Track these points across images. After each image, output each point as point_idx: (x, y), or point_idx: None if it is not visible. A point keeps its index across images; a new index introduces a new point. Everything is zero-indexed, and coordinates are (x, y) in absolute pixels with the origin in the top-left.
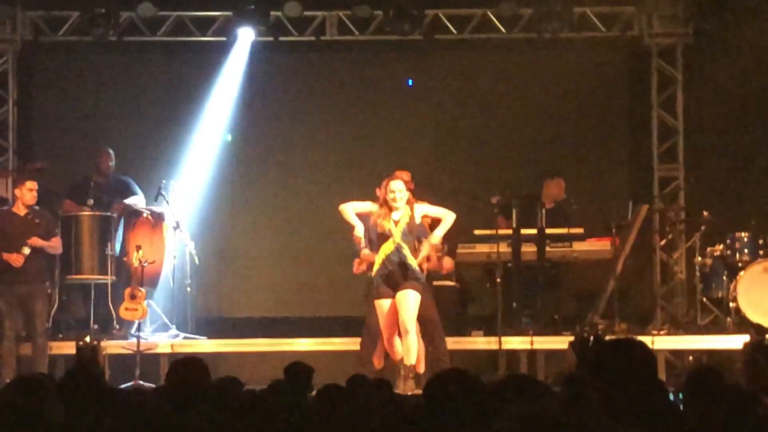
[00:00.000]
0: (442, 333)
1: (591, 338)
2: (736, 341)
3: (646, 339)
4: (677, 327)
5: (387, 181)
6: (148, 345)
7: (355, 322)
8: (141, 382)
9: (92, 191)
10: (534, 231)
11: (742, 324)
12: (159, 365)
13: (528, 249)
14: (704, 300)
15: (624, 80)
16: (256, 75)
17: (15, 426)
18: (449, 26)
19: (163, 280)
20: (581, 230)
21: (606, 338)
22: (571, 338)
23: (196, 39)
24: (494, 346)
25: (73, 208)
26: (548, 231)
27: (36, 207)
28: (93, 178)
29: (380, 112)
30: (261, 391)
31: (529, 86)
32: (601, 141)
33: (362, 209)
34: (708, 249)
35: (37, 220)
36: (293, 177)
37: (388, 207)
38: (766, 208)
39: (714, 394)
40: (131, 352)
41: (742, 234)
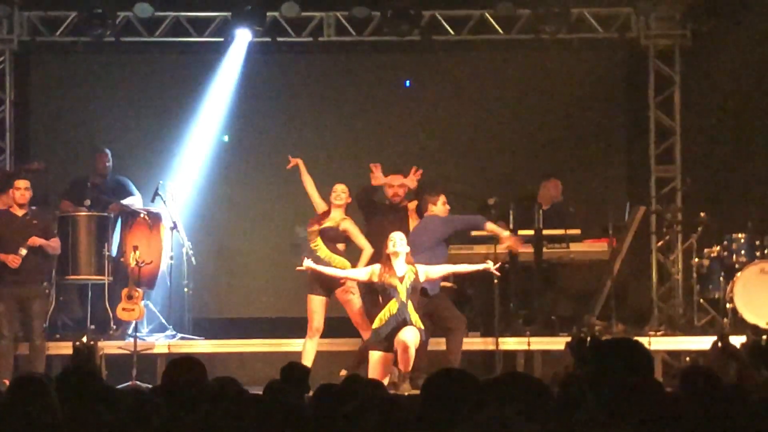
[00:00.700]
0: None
1: (588, 339)
2: (733, 342)
3: (643, 340)
4: (674, 328)
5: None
6: (145, 345)
7: (352, 323)
8: (138, 383)
9: (89, 192)
10: (531, 232)
11: (739, 325)
12: (156, 366)
13: (525, 250)
14: (701, 301)
15: (621, 81)
16: (254, 76)
17: (15, 425)
18: (447, 27)
19: (160, 281)
20: (578, 231)
21: (603, 339)
22: (568, 339)
23: (194, 39)
24: (491, 347)
25: (70, 209)
26: (545, 232)
27: (33, 207)
28: (90, 179)
29: (378, 113)
30: (258, 393)
31: (527, 87)
32: (599, 142)
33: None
34: (705, 250)
35: (35, 221)
36: (290, 178)
37: (389, 262)
38: (763, 210)
39: (709, 394)
40: (128, 353)
41: (739, 235)
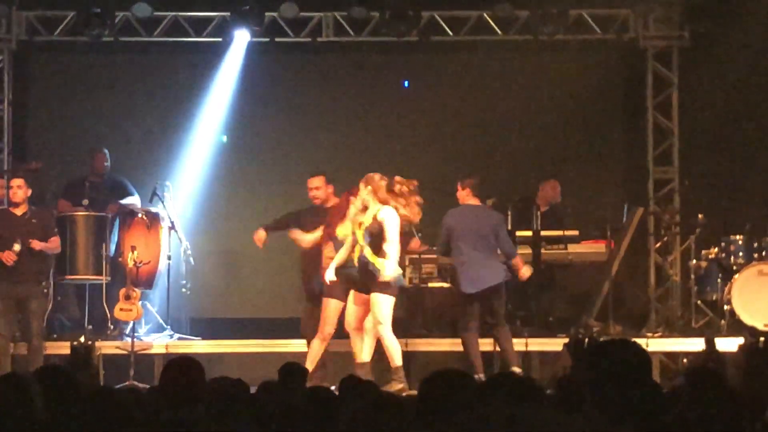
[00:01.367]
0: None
1: (586, 340)
2: (731, 344)
3: (641, 341)
4: (672, 329)
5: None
6: (143, 345)
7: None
8: (135, 383)
9: (87, 191)
10: (529, 233)
11: (737, 327)
12: (154, 366)
13: (523, 251)
14: (699, 303)
15: (619, 83)
16: (252, 76)
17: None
18: (445, 28)
19: (158, 281)
20: (576, 233)
21: (601, 340)
22: (566, 340)
23: (192, 40)
24: (489, 348)
25: (68, 209)
26: (543, 233)
27: (33, 207)
28: (88, 179)
29: (376, 114)
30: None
31: (525, 88)
32: (597, 143)
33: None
34: (703, 252)
35: (34, 220)
36: (288, 178)
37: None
38: (761, 212)
39: (712, 395)
40: (126, 353)
41: (737, 237)
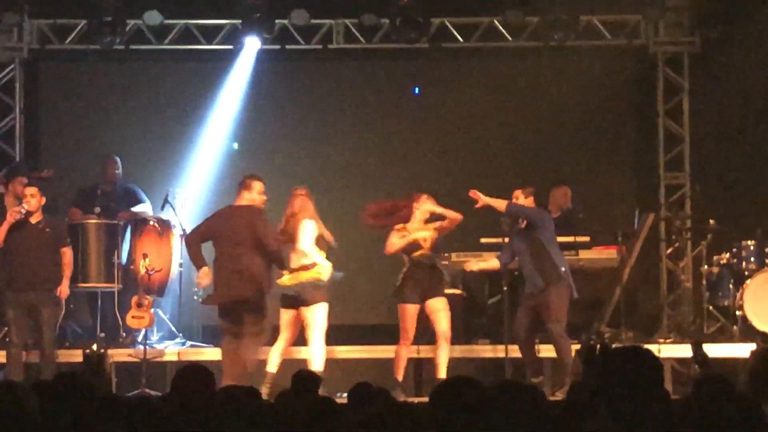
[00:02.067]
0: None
1: (597, 346)
2: (743, 350)
3: (653, 347)
4: (683, 335)
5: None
6: (155, 353)
7: (362, 331)
8: (147, 390)
9: (99, 199)
10: None
11: (749, 332)
12: (166, 373)
13: None
14: (710, 308)
15: (630, 88)
16: (263, 83)
17: None
18: (455, 34)
19: (170, 288)
20: (588, 239)
21: (612, 346)
22: (578, 346)
23: (203, 47)
24: (501, 355)
25: (80, 217)
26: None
27: (47, 215)
28: (100, 187)
29: (386, 120)
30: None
31: (536, 94)
32: (608, 149)
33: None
34: (714, 257)
35: (48, 229)
36: (299, 184)
37: None
38: None
39: (722, 403)
40: (138, 360)
41: (749, 242)
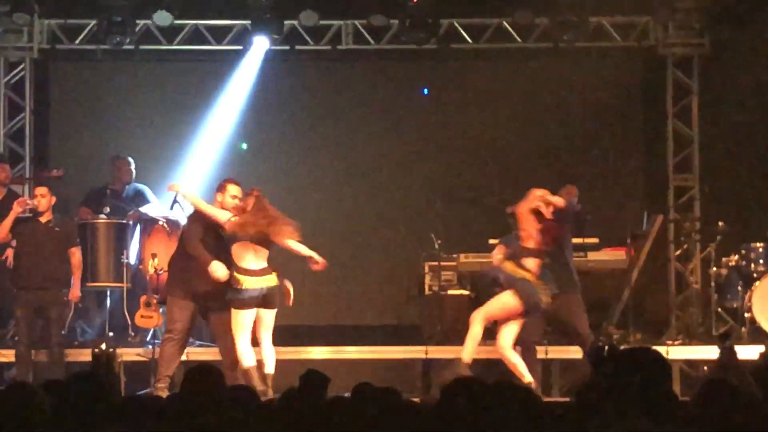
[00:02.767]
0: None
1: (606, 348)
2: (752, 352)
3: (661, 349)
4: (692, 337)
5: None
6: None
7: (370, 331)
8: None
9: (108, 199)
10: None
11: (757, 334)
12: (174, 373)
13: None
14: (719, 310)
15: (639, 90)
16: (272, 84)
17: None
18: (464, 35)
19: None
20: (596, 240)
21: (621, 348)
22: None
23: (213, 48)
24: None
25: (89, 216)
26: None
27: (57, 215)
28: (110, 186)
29: (395, 121)
30: (275, 399)
31: (545, 96)
32: (617, 151)
33: None
34: (723, 259)
35: (58, 229)
36: (308, 185)
37: None
38: None
39: (727, 405)
40: (147, 360)
41: (758, 244)
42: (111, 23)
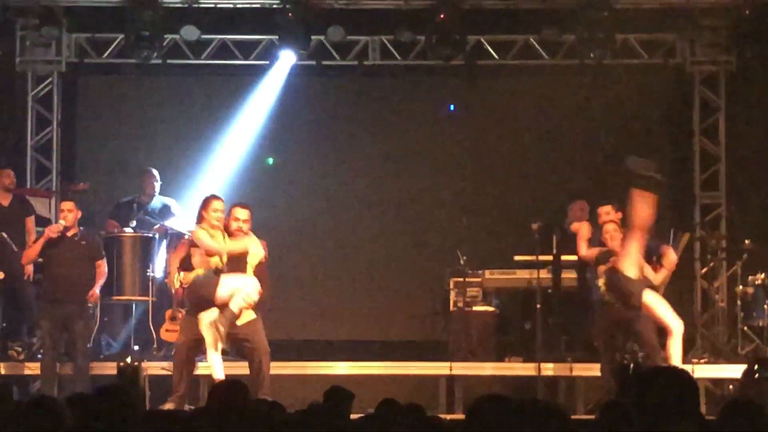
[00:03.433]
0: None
1: (631, 366)
2: None
3: (687, 367)
4: (717, 355)
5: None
6: None
7: (394, 347)
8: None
9: (135, 212)
10: (575, 257)
11: None
12: (199, 387)
13: (568, 275)
14: (745, 329)
15: (666, 107)
16: (299, 99)
17: None
18: (491, 52)
19: None
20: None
21: (646, 366)
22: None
23: (239, 62)
24: (533, 372)
25: (116, 229)
26: None
27: (83, 229)
28: (136, 199)
29: (422, 137)
30: (299, 414)
31: (572, 112)
32: None
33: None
34: (749, 277)
35: (84, 242)
36: (334, 200)
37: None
38: None
39: (753, 425)
40: (169, 374)
41: None
42: (139, 38)
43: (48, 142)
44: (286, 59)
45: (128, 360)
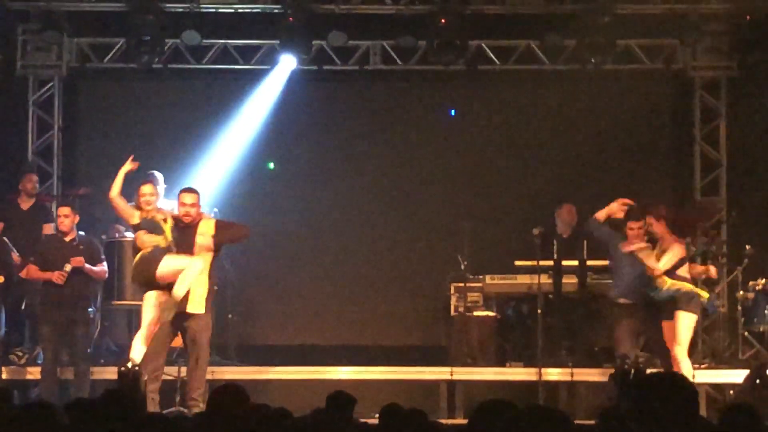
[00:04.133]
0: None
1: (631, 371)
2: None
3: (687, 372)
4: (718, 361)
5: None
6: None
7: (395, 352)
8: (181, 408)
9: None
10: (575, 262)
11: None
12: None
13: (569, 280)
14: (746, 334)
15: (667, 112)
16: (300, 104)
17: None
18: (492, 57)
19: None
20: None
21: (647, 371)
22: (612, 371)
23: (241, 67)
24: (534, 378)
25: (117, 234)
26: (590, 263)
27: (82, 233)
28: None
29: (423, 142)
30: (303, 419)
31: (572, 118)
32: (644, 173)
33: None
34: (750, 283)
35: (82, 246)
36: (334, 205)
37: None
38: None
39: (752, 430)
40: (172, 378)
41: None
42: (140, 42)
43: (49, 147)
44: (287, 64)
45: (129, 365)
